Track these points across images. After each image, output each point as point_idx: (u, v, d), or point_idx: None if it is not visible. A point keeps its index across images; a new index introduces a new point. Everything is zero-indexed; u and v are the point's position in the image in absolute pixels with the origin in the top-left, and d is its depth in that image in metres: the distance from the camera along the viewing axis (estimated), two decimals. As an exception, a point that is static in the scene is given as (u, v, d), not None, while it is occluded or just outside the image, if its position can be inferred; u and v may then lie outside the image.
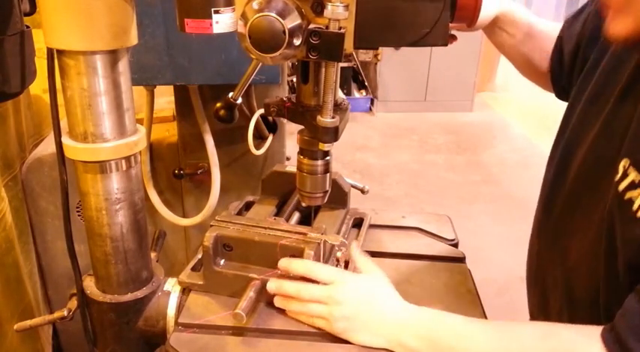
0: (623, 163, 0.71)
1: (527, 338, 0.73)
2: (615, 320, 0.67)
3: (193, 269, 0.97)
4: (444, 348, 0.77)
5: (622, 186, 0.70)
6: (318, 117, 0.83)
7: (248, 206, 1.14)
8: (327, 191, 0.98)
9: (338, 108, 0.89)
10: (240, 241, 0.92)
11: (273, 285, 0.88)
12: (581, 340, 0.68)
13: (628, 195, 0.68)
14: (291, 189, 1.11)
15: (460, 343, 0.77)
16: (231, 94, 0.99)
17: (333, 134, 0.84)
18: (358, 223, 1.16)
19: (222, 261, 0.93)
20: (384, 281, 0.88)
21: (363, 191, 1.21)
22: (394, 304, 0.85)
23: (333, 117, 0.83)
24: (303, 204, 1.05)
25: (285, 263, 0.88)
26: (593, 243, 0.79)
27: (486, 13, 1.04)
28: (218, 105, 1.00)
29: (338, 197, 1.10)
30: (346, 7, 0.72)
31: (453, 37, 1.06)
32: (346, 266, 0.95)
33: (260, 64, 0.94)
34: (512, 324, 0.77)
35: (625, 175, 0.70)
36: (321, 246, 0.91)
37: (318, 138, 0.86)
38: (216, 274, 0.92)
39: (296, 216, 1.09)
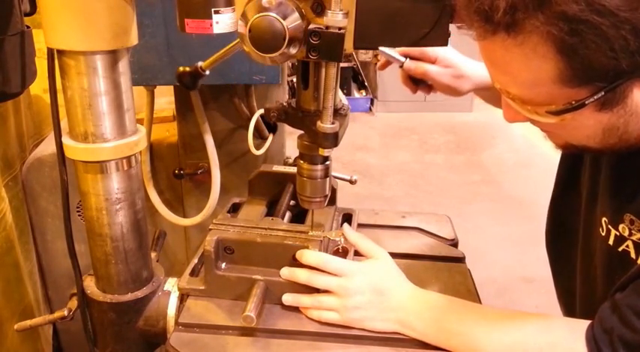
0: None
1: (527, 330, 0.78)
2: (594, 322, 0.73)
3: (191, 274, 0.96)
4: (449, 331, 0.82)
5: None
6: (318, 123, 0.82)
7: (235, 208, 1.13)
8: (326, 195, 0.97)
9: (338, 113, 0.89)
10: (242, 243, 0.91)
11: (286, 271, 0.89)
12: (573, 337, 0.74)
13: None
14: (279, 188, 1.10)
15: (465, 327, 0.82)
16: (201, 63, 0.97)
17: (333, 139, 0.84)
18: (347, 220, 1.15)
19: (223, 265, 0.93)
20: (390, 265, 0.92)
21: (351, 181, 1.19)
22: (403, 289, 0.89)
23: (332, 123, 0.82)
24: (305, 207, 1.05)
25: (298, 253, 0.89)
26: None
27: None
28: (185, 69, 0.98)
29: None
30: (345, 14, 0.72)
31: (432, 88, 1.16)
32: (345, 256, 0.95)
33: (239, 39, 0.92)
34: (514, 314, 0.82)
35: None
36: (324, 243, 0.91)
37: (318, 144, 0.86)
38: (219, 278, 0.91)
39: (287, 215, 1.09)
